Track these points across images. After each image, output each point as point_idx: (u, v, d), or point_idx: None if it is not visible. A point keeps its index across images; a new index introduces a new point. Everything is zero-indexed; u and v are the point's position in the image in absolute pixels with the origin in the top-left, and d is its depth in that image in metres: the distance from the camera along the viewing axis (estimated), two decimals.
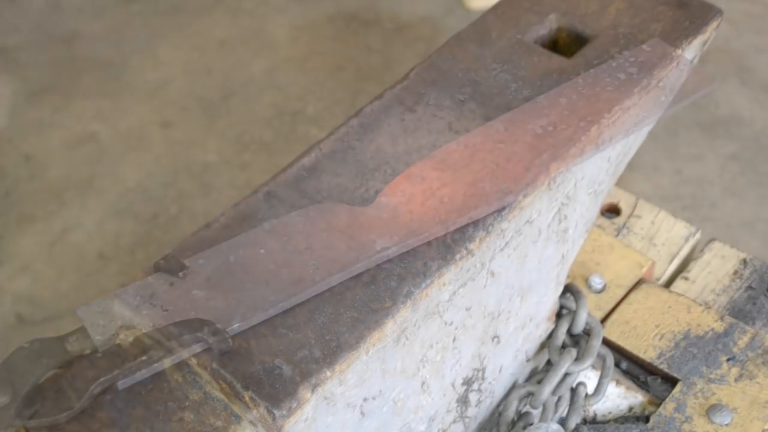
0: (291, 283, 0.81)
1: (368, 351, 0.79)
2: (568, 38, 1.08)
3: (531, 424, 1.09)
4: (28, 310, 2.29)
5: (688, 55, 1.04)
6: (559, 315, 1.17)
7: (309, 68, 2.93)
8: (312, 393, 0.75)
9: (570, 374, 1.11)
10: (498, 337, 1.03)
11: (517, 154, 0.91)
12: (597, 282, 1.25)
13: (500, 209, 0.88)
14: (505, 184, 0.89)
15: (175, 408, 0.76)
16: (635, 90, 0.97)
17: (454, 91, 1.00)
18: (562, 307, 1.16)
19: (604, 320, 1.21)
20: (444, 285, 0.85)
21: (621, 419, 1.16)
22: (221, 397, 0.76)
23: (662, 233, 1.36)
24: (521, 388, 1.11)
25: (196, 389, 0.77)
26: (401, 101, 0.99)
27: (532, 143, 0.92)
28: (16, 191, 2.59)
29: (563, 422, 1.11)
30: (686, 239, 1.35)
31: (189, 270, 0.82)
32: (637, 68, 0.99)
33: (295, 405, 0.73)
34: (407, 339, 0.85)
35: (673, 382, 1.14)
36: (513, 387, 1.15)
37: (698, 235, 1.37)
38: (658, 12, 1.06)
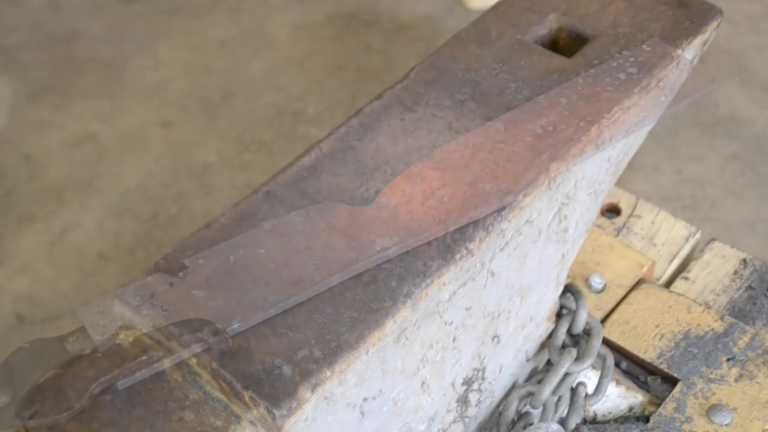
0: (291, 283, 0.81)
1: (368, 351, 0.79)
2: (568, 38, 1.08)
3: (531, 424, 1.09)
4: (28, 310, 2.29)
5: (688, 55, 1.04)
6: (559, 315, 1.16)
7: (309, 68, 2.93)
8: (312, 393, 0.75)
9: (570, 374, 1.11)
10: (498, 337, 1.03)
11: (517, 154, 0.91)
12: (597, 282, 1.25)
13: (500, 209, 0.88)
14: (505, 184, 0.89)
15: (175, 408, 0.76)
16: (635, 90, 0.97)
17: (454, 91, 1.00)
18: (562, 307, 1.16)
19: (604, 320, 1.21)
20: (444, 285, 0.85)
21: (621, 419, 1.16)
22: (221, 397, 0.76)
23: (662, 233, 1.36)
24: (521, 388, 1.11)
25: (196, 389, 0.77)
26: (401, 101, 0.99)
27: (532, 143, 0.92)
28: (16, 191, 2.59)
29: (563, 422, 1.11)
30: (686, 239, 1.35)
31: (189, 270, 0.82)
32: (637, 68, 0.99)
33: (295, 405, 0.73)
34: (407, 339, 0.84)
35: (673, 382, 1.14)
36: (513, 387, 1.15)
37: (698, 235, 1.37)
38: (658, 12, 1.06)
